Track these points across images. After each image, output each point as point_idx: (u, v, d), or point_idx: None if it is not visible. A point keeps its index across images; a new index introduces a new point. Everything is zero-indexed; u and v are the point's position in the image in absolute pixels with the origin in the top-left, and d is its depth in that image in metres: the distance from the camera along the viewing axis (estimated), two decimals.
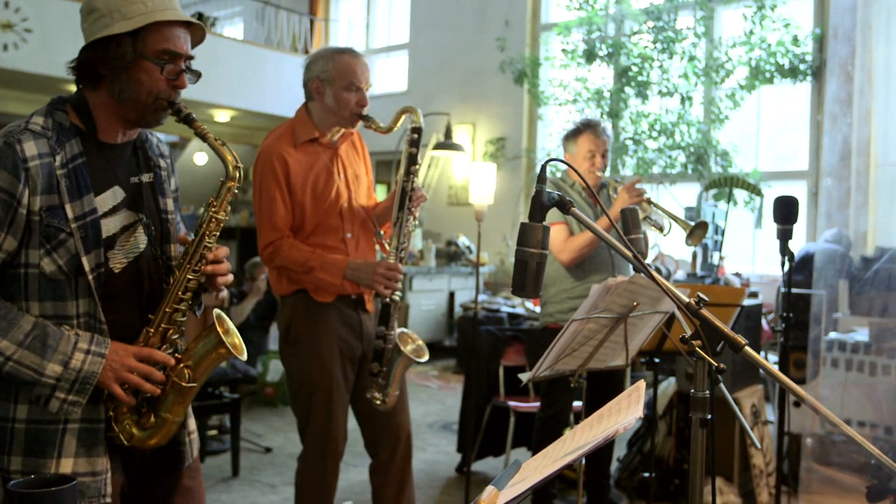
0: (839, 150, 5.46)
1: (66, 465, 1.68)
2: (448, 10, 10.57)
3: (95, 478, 1.71)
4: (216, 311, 1.85)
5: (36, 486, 1.34)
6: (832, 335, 4.31)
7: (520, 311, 7.66)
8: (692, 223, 3.34)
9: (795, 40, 7.58)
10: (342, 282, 2.81)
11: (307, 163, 2.84)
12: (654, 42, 8.26)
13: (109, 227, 1.76)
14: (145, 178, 1.88)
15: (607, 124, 3.61)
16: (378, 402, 2.82)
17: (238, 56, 10.48)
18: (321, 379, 2.85)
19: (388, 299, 2.81)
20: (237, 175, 1.82)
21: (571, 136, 3.68)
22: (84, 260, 1.69)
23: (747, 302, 4.17)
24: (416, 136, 2.84)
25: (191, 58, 1.81)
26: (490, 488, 1.39)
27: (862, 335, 4.29)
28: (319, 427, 2.87)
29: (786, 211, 3.10)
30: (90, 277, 1.69)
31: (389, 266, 2.79)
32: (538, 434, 3.74)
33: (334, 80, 2.82)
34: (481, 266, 9.35)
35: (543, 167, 1.61)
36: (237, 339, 1.87)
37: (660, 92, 8.27)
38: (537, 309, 7.60)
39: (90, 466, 1.71)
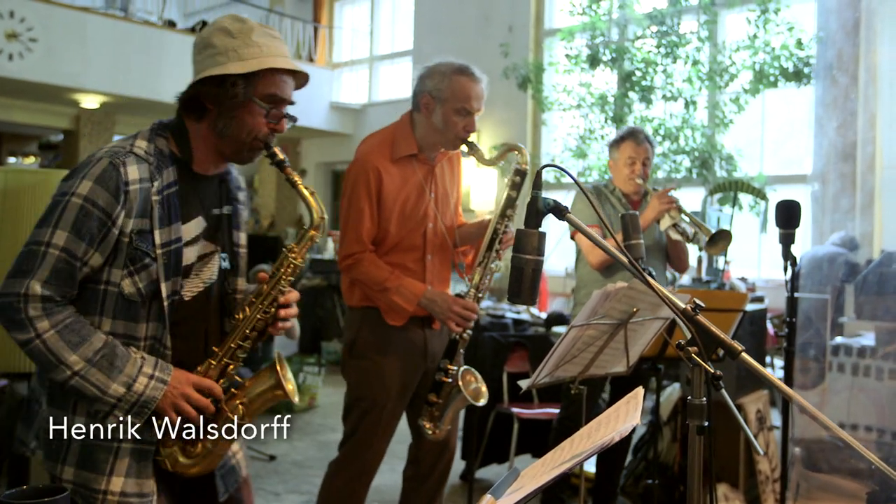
0: (824, 154, 5.42)
1: (117, 484, 1.71)
2: (451, 16, 10.58)
3: (142, 499, 1.75)
4: (277, 352, 1.91)
5: (29, 496, 1.34)
6: (838, 339, 4.28)
7: (524, 317, 7.64)
8: (713, 231, 3.34)
9: (799, 44, 7.54)
10: (415, 309, 2.77)
11: (401, 178, 2.78)
12: (658, 47, 8.24)
13: (189, 255, 1.81)
14: (225, 210, 1.93)
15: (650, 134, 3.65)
16: (429, 432, 2.80)
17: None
18: (378, 397, 2.82)
19: (457, 336, 2.76)
20: (321, 226, 1.88)
21: (615, 143, 3.75)
22: (163, 286, 1.73)
23: (752, 307, 4.15)
24: (518, 178, 2.77)
25: (292, 103, 1.86)
26: (487, 497, 1.39)
27: (868, 339, 4.27)
28: (364, 440, 2.85)
29: (787, 215, 3.08)
30: (165, 303, 1.74)
31: (466, 305, 2.73)
32: (556, 434, 3.75)
33: (447, 101, 2.71)
34: None
35: (539, 173, 1.61)
36: (292, 384, 1.90)
37: (664, 96, 8.24)
38: (543, 315, 7.58)
39: (138, 487, 1.74)
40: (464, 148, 2.81)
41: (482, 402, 2.81)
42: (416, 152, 2.80)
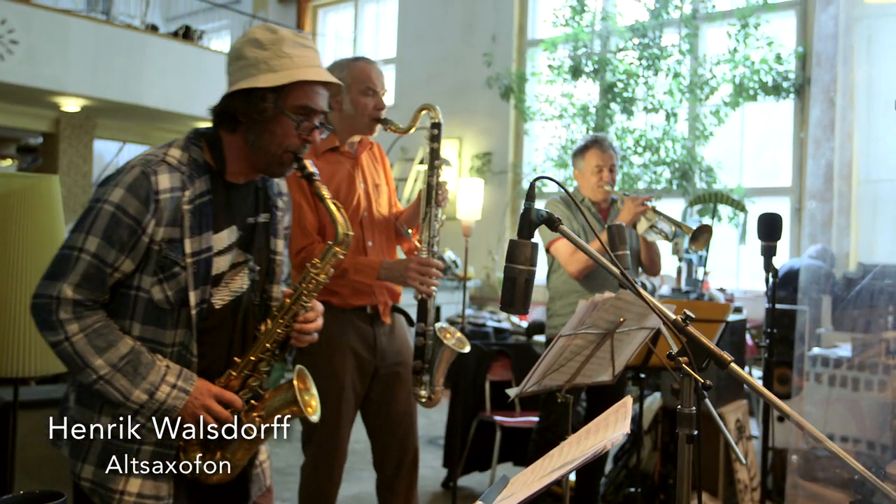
0: (823, 174, 5.54)
1: (134, 485, 1.74)
2: (435, 25, 10.62)
3: (158, 501, 1.76)
4: (299, 367, 1.89)
5: (25, 502, 1.34)
6: (815, 351, 4.33)
7: (506, 325, 7.67)
8: (694, 228, 3.38)
9: (779, 58, 7.66)
10: (376, 282, 2.83)
11: (329, 172, 2.85)
12: (640, 59, 8.33)
13: (220, 264, 1.82)
14: (262, 218, 1.93)
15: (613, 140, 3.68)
16: (423, 399, 2.83)
17: (225, 69, 10.41)
18: (332, 391, 2.84)
19: (423, 296, 2.81)
20: (346, 241, 1.87)
21: (579, 152, 3.74)
22: (191, 294, 1.74)
23: (731, 317, 4.20)
24: (435, 131, 2.87)
25: (325, 113, 1.85)
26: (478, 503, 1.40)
27: (845, 350, 4.32)
28: (325, 438, 2.88)
29: (770, 228, 3.13)
30: (193, 312, 1.75)
31: (422, 261, 2.79)
32: (534, 445, 3.74)
33: (351, 86, 2.83)
34: (467, 280, 9.36)
35: (532, 184, 1.63)
36: (315, 400, 1.90)
37: (645, 108, 8.33)
38: (523, 324, 7.61)
39: (155, 490, 1.76)
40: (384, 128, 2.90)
41: (466, 349, 2.85)
42: (337, 145, 2.89)
